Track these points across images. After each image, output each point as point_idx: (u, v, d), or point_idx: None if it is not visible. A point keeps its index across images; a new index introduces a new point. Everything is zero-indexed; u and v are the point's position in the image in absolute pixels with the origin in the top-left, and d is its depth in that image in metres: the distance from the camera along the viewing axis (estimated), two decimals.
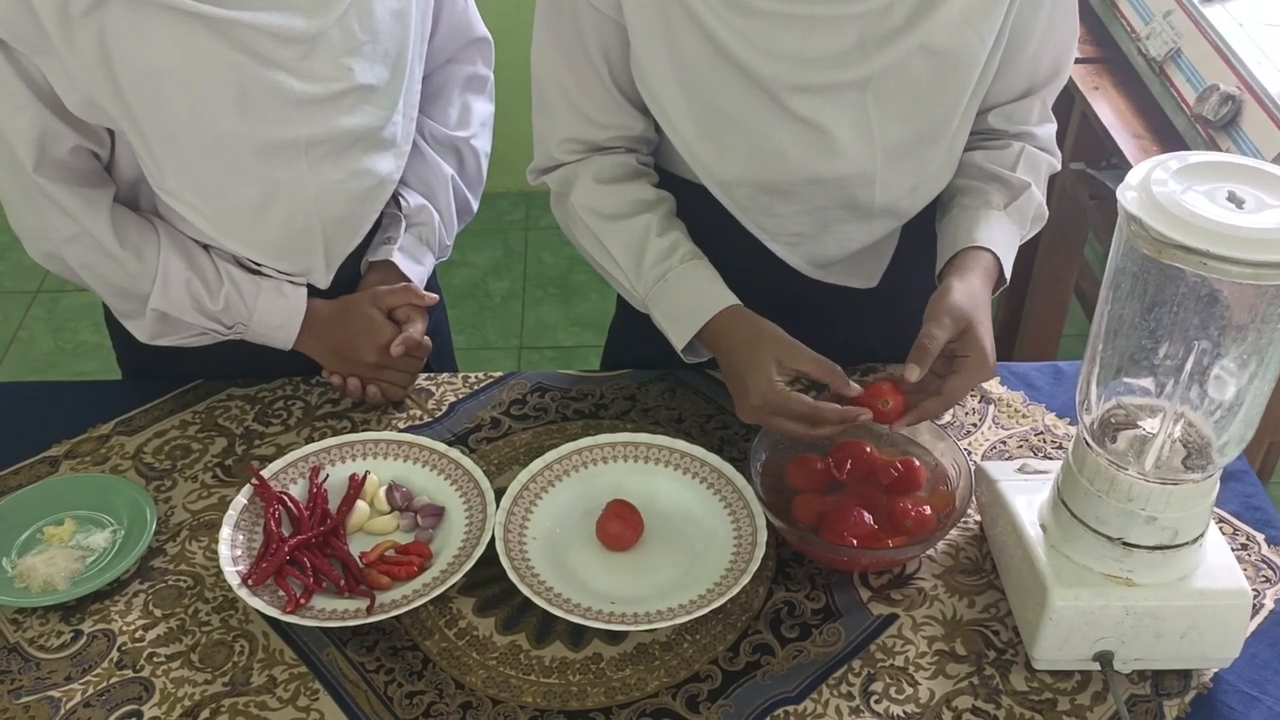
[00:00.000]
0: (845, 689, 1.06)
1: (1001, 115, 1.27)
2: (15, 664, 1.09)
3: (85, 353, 2.92)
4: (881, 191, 1.22)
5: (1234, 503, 1.23)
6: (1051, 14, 1.19)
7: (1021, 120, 1.27)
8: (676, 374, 1.39)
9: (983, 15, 1.13)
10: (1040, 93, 1.25)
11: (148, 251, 1.25)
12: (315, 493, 1.21)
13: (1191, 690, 1.07)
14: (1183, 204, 0.89)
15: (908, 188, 1.24)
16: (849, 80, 1.14)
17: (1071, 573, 1.04)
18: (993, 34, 1.15)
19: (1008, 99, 1.25)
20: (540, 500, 1.21)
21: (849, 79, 1.14)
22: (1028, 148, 1.26)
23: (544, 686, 1.06)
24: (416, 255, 1.39)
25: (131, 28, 1.11)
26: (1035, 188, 1.25)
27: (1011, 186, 1.25)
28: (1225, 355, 0.96)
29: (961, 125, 1.22)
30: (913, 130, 1.19)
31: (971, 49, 1.15)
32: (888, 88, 1.15)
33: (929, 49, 1.13)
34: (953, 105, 1.19)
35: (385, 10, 1.22)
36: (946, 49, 1.14)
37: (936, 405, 1.15)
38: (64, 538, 1.19)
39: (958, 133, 1.23)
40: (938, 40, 1.13)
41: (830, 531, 1.13)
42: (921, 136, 1.20)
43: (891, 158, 1.20)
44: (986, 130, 1.28)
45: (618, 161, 1.27)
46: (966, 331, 1.14)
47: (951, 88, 1.17)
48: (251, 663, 1.09)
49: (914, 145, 1.21)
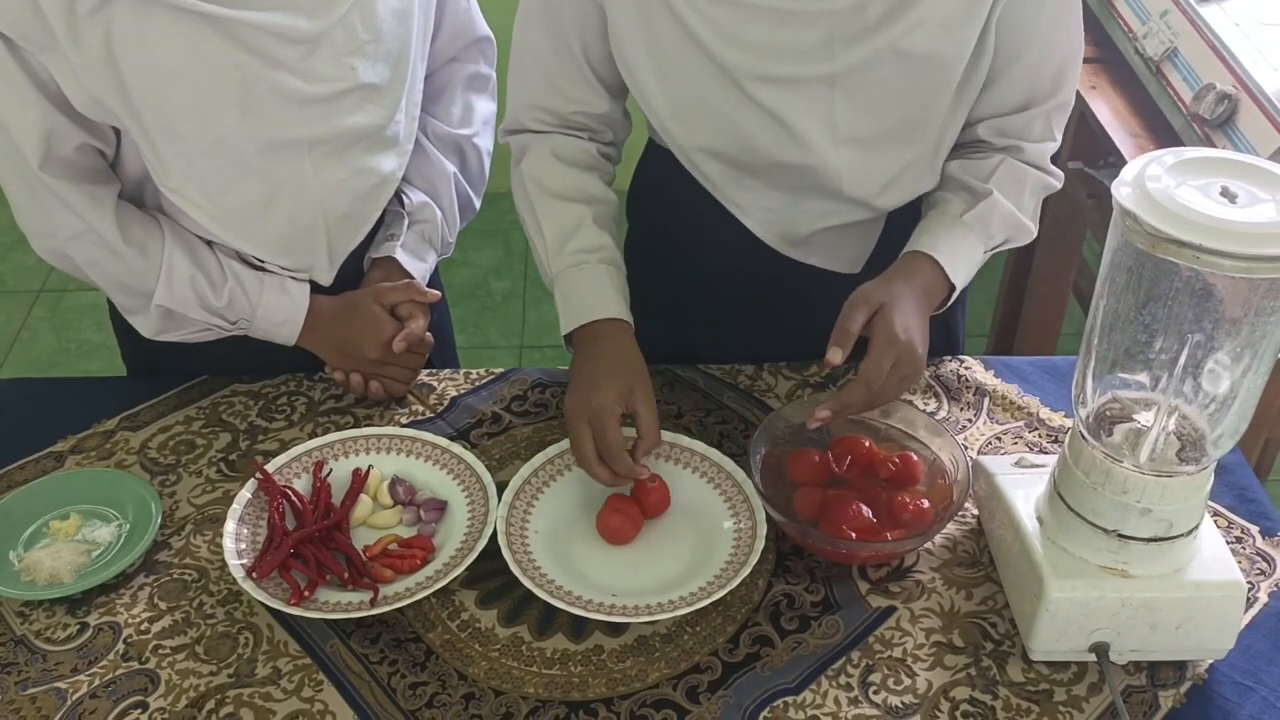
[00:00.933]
0: (844, 680, 1.08)
1: (993, 128, 1.26)
2: (22, 656, 1.10)
3: (88, 352, 2.93)
4: (849, 184, 1.24)
5: (1229, 495, 1.24)
6: (1052, 28, 1.18)
7: (1017, 135, 1.26)
8: (674, 369, 1.40)
9: (960, 22, 1.14)
10: (1041, 108, 1.24)
11: (152, 248, 1.26)
12: (319, 487, 1.22)
13: (1187, 681, 1.08)
14: (1176, 199, 0.91)
15: (879, 184, 1.25)
16: (813, 75, 1.16)
17: (1068, 565, 1.06)
18: (971, 41, 1.15)
19: (1003, 111, 1.24)
20: (542, 494, 1.22)
21: (814, 74, 1.16)
22: (1008, 159, 1.26)
23: (546, 678, 1.08)
24: (419, 252, 1.40)
25: (137, 27, 1.12)
26: (999, 196, 1.23)
27: (975, 194, 1.25)
28: (1219, 349, 0.97)
29: (945, 129, 1.23)
30: (881, 128, 1.20)
31: (946, 55, 1.15)
32: (855, 85, 1.17)
33: (901, 52, 1.14)
34: (927, 108, 1.20)
35: (388, 10, 1.23)
36: (920, 53, 1.15)
37: (856, 391, 1.14)
38: (69, 532, 1.20)
39: (941, 136, 1.23)
40: (910, 44, 1.14)
41: (829, 525, 1.14)
42: (892, 136, 1.21)
43: (858, 153, 1.22)
44: (974, 141, 1.28)
45: (578, 145, 1.30)
46: (876, 313, 1.15)
47: (925, 91, 1.18)
48: (256, 654, 1.10)
49: (884, 143, 1.22)
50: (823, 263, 1.33)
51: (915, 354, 1.15)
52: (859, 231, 1.32)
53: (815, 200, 1.28)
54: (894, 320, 1.14)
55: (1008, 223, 1.26)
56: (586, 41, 1.24)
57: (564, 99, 1.28)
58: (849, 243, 1.33)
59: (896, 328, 1.14)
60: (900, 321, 1.14)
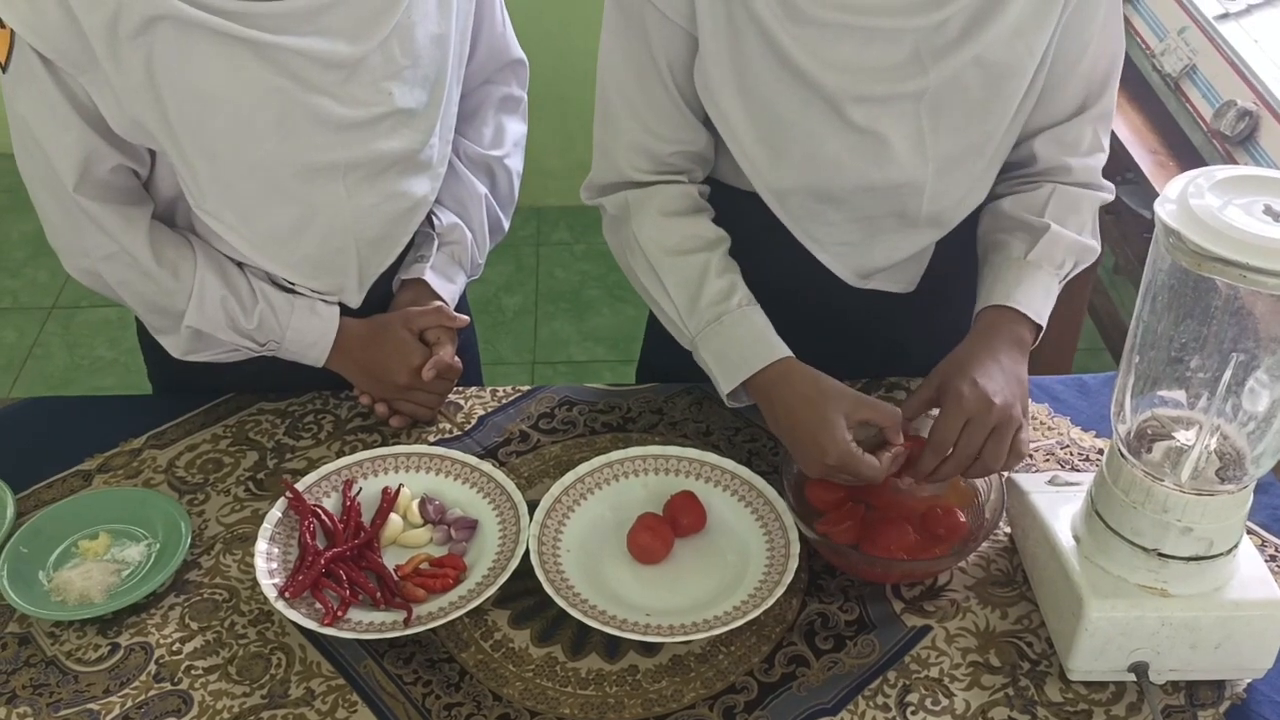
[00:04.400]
0: (881, 700, 1.07)
1: (1051, 139, 1.24)
2: (53, 677, 1.09)
3: (101, 368, 2.93)
4: (930, 201, 1.23)
5: (1263, 514, 1.24)
6: (1104, 31, 1.19)
7: (1070, 146, 1.25)
8: (703, 387, 1.40)
9: (1034, 28, 1.14)
10: (1091, 111, 1.24)
11: (184, 269, 1.26)
12: (349, 506, 1.21)
13: (1225, 700, 1.07)
14: (1221, 217, 0.90)
15: (955, 198, 1.25)
16: (906, 92, 1.15)
17: (1107, 584, 1.05)
18: (1042, 46, 1.16)
19: (1059, 119, 1.24)
20: (573, 513, 1.21)
21: (906, 91, 1.15)
22: (1059, 188, 1.25)
23: (581, 698, 1.07)
24: (448, 274, 1.39)
25: (179, 51, 1.12)
26: (1057, 228, 1.23)
27: (1033, 231, 1.24)
28: (1259, 368, 0.97)
29: (1006, 138, 1.23)
30: (964, 142, 1.20)
31: (1021, 62, 1.15)
32: (941, 100, 1.16)
33: (982, 62, 1.14)
34: (1001, 117, 1.19)
35: (426, 35, 1.23)
36: (998, 62, 1.14)
37: (926, 459, 1.14)
38: (99, 551, 1.19)
39: (1001, 145, 1.23)
40: (990, 53, 1.14)
41: (871, 544, 1.14)
42: (972, 148, 1.21)
43: (942, 168, 1.21)
44: (1027, 159, 1.27)
45: (682, 193, 1.26)
46: (941, 387, 1.15)
47: (1001, 100, 1.18)
48: (289, 675, 1.09)
49: (964, 156, 1.21)
50: (883, 286, 1.32)
51: (990, 404, 1.11)
52: (921, 254, 1.31)
53: (891, 232, 1.26)
54: (960, 385, 1.12)
55: (1072, 250, 1.25)
56: (675, 73, 1.20)
57: (660, 140, 1.24)
58: (910, 265, 1.32)
59: (964, 389, 1.12)
60: (967, 383, 1.12)
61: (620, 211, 1.27)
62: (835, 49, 1.13)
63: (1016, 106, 1.19)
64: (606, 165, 1.28)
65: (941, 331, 1.23)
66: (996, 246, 1.26)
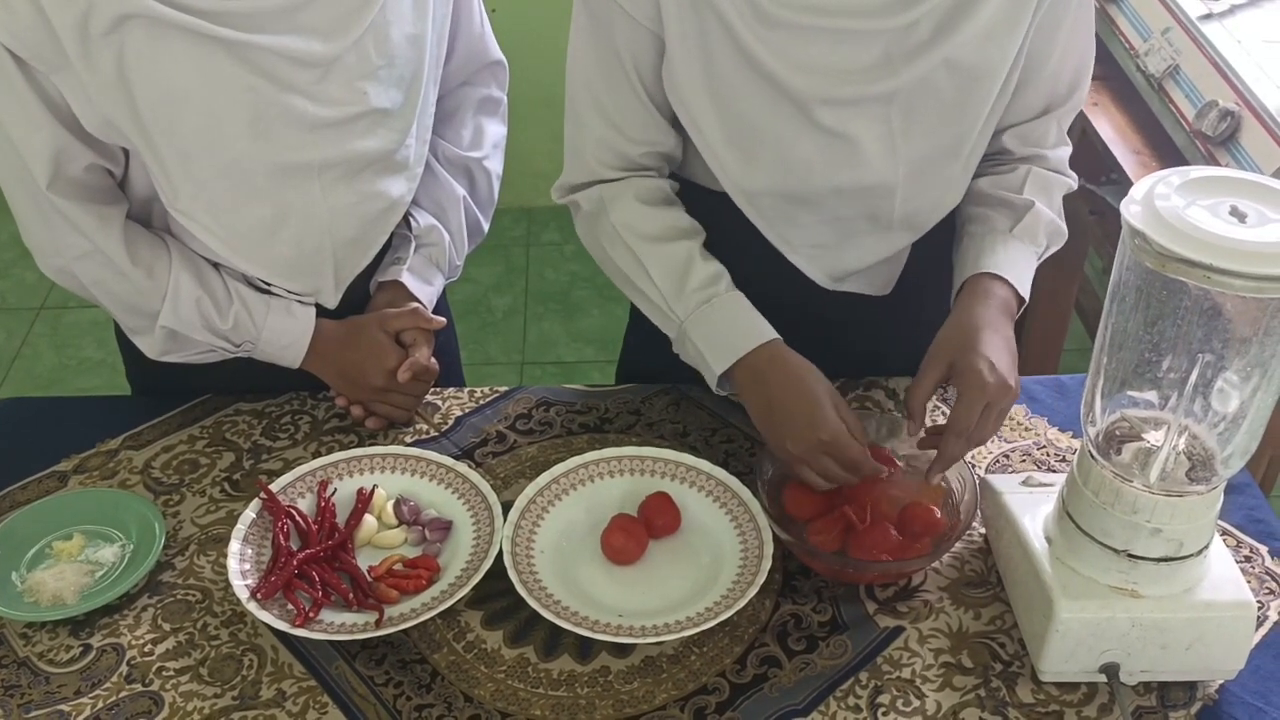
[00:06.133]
0: (852, 701, 1.07)
1: (1017, 136, 1.26)
2: (25, 678, 1.09)
3: (89, 369, 2.93)
4: (902, 203, 1.23)
5: (1237, 515, 1.24)
6: (1071, 32, 1.20)
7: (1036, 142, 1.27)
8: (681, 388, 1.40)
9: (1005, 31, 1.14)
10: (1057, 112, 1.25)
11: (159, 269, 1.25)
12: (323, 507, 1.21)
13: (1197, 702, 1.07)
14: (1186, 218, 0.90)
15: (929, 201, 1.25)
16: (876, 94, 1.15)
17: (1077, 585, 1.05)
18: (1014, 49, 1.16)
19: (1026, 117, 1.25)
20: (547, 514, 1.21)
21: (876, 92, 1.15)
22: (1034, 169, 1.26)
23: (552, 699, 1.07)
24: (426, 276, 1.39)
25: (151, 49, 1.12)
26: (1040, 205, 1.25)
27: (1016, 208, 1.25)
28: (1228, 368, 0.97)
29: (979, 140, 1.23)
30: (936, 144, 1.20)
31: (993, 64, 1.16)
32: (912, 102, 1.16)
33: (953, 64, 1.14)
34: (974, 120, 1.20)
35: (401, 35, 1.23)
36: (969, 64, 1.15)
37: (956, 446, 1.15)
38: (73, 552, 1.19)
39: (975, 147, 1.23)
40: (961, 55, 1.14)
41: (856, 547, 1.14)
42: (944, 150, 1.21)
43: (914, 170, 1.21)
44: (999, 151, 1.28)
45: (656, 185, 1.26)
46: (955, 363, 1.15)
47: (973, 102, 1.18)
48: (260, 676, 1.09)
49: (937, 159, 1.21)
50: (857, 289, 1.32)
51: (1007, 388, 1.12)
52: (895, 257, 1.31)
53: (864, 235, 1.26)
54: (978, 365, 1.12)
55: (1050, 229, 1.27)
56: (643, 74, 1.20)
57: (629, 140, 1.24)
58: (884, 269, 1.32)
59: (983, 372, 1.12)
60: (984, 363, 1.12)
61: (595, 206, 1.27)
62: (804, 51, 1.13)
63: (989, 109, 1.19)
64: (578, 165, 1.28)
65: (917, 335, 1.22)
66: (976, 219, 1.27)
